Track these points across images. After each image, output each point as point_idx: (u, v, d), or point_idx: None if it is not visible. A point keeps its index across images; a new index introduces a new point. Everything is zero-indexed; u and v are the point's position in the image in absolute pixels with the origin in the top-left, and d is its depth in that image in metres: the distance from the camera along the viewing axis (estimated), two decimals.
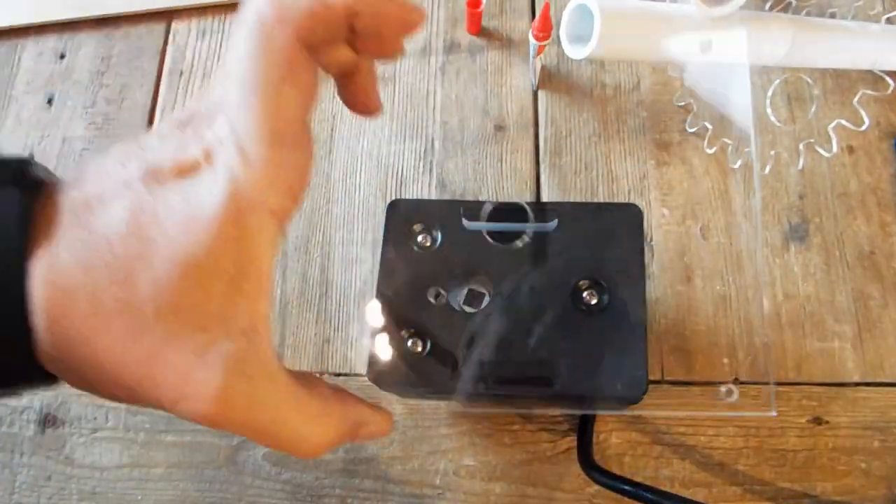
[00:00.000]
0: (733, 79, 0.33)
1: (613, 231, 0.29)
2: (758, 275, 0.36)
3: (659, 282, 0.37)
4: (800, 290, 0.36)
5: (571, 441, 0.35)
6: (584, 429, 0.33)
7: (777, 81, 0.40)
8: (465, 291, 0.30)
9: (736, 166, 0.39)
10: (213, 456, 0.37)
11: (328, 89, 0.42)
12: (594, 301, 0.28)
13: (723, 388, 0.30)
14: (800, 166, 0.39)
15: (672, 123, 0.41)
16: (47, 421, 0.39)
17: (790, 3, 0.40)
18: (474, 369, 0.28)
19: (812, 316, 0.36)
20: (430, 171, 0.42)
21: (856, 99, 0.38)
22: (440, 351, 0.28)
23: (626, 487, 0.30)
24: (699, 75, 0.39)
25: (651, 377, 0.29)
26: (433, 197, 0.41)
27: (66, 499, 0.37)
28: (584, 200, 0.39)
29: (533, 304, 0.29)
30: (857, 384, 0.35)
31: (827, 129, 0.38)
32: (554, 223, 0.30)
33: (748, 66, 0.32)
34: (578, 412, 0.34)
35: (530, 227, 0.30)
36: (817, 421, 0.34)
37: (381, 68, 0.44)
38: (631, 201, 0.38)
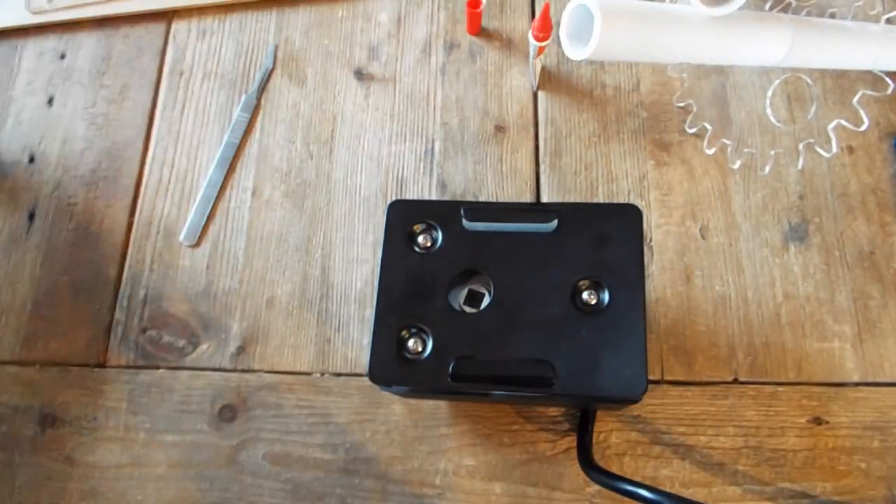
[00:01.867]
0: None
1: (613, 231, 0.29)
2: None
3: (659, 282, 0.37)
4: (800, 290, 0.37)
5: (571, 441, 0.35)
6: (583, 429, 0.33)
7: (777, 81, 0.40)
8: (465, 291, 0.30)
9: (735, 166, 0.39)
10: (213, 456, 0.37)
11: (329, 88, 0.42)
12: (594, 301, 0.28)
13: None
14: (800, 166, 0.39)
15: (672, 124, 0.41)
16: (47, 421, 0.39)
17: (790, 3, 0.40)
18: (474, 369, 0.28)
19: (812, 316, 0.36)
20: (431, 171, 0.42)
21: (856, 99, 0.38)
22: (440, 351, 0.28)
23: (626, 487, 0.29)
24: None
25: (651, 377, 0.29)
26: (433, 197, 0.41)
27: (66, 498, 0.37)
28: (583, 201, 0.39)
29: (533, 305, 0.29)
30: (857, 384, 0.35)
31: (827, 129, 0.38)
32: (554, 223, 0.30)
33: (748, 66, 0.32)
34: (578, 411, 0.34)
35: (530, 228, 0.30)
36: (817, 421, 0.34)
37: (382, 68, 0.44)
38: (630, 201, 0.38)
